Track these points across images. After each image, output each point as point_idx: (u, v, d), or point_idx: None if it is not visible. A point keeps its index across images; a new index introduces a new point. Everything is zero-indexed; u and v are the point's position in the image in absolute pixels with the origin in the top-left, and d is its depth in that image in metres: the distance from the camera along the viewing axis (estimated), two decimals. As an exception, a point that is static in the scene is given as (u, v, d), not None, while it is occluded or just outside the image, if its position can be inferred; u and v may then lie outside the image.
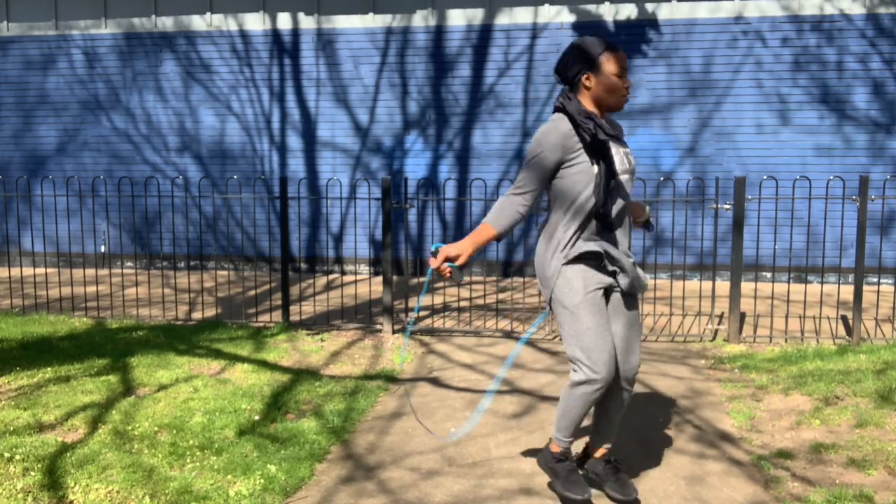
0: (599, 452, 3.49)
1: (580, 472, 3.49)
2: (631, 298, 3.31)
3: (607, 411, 3.39)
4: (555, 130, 3.11)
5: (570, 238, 3.18)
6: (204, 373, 5.28)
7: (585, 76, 3.13)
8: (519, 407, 4.77)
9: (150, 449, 3.95)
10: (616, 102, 3.15)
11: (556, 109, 3.20)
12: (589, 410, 3.28)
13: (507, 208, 3.18)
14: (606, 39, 3.17)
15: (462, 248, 3.13)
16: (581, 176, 3.12)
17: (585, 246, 3.17)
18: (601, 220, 3.14)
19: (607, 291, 3.28)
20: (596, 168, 3.11)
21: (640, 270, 3.30)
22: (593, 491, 3.47)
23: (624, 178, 3.20)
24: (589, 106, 3.17)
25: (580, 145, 3.11)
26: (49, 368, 5.26)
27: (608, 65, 3.10)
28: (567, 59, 3.17)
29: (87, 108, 10.37)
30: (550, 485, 3.45)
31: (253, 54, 10.00)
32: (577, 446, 3.86)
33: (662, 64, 9.25)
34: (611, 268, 3.21)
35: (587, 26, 9.34)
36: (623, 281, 3.23)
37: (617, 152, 3.18)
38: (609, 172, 3.10)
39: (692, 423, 4.47)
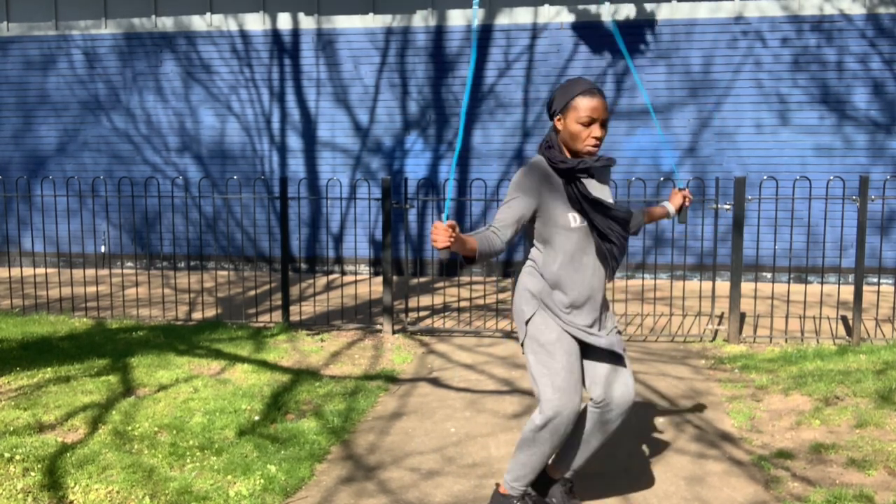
0: (558, 474, 3.31)
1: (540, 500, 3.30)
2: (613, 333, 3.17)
3: (574, 439, 3.17)
4: (533, 169, 3.03)
5: (542, 283, 3.08)
6: (204, 373, 5.28)
7: (558, 119, 3.06)
8: (519, 407, 4.77)
9: (150, 449, 3.95)
10: (579, 150, 3.02)
11: (539, 152, 3.14)
12: (546, 458, 3.09)
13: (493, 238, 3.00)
14: (593, 84, 3.04)
15: (458, 243, 2.89)
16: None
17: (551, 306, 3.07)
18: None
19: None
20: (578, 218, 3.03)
21: (614, 334, 3.15)
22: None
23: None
24: (565, 151, 3.09)
25: (519, 196, 3.00)
26: (49, 368, 5.26)
27: (575, 110, 2.98)
28: (551, 97, 3.10)
29: (87, 109, 10.37)
30: None
31: (253, 54, 10.00)
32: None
33: (662, 64, 9.26)
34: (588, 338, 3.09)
35: (587, 26, 9.35)
36: (585, 336, 3.09)
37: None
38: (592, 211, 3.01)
39: (692, 423, 4.47)
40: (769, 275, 9.13)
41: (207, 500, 3.44)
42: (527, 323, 3.12)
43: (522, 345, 3.15)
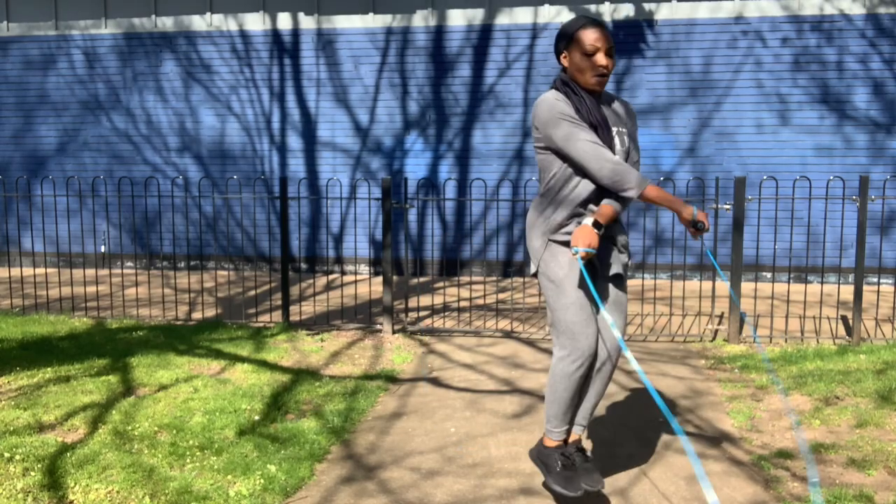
0: (573, 437, 3.40)
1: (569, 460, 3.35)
2: (617, 274, 3.29)
3: (586, 391, 3.30)
4: (558, 102, 3.12)
5: (565, 211, 3.18)
6: (204, 373, 5.28)
7: (563, 54, 3.16)
8: (519, 407, 4.77)
9: (150, 449, 3.95)
10: (587, 81, 3.12)
11: (551, 87, 3.24)
12: (576, 392, 3.19)
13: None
14: (594, 18, 3.16)
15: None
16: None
17: (573, 226, 3.18)
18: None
19: (594, 266, 3.27)
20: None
21: (623, 254, 3.28)
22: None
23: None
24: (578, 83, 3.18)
25: (576, 116, 3.11)
26: (49, 368, 5.26)
27: (578, 42, 3.08)
28: (556, 39, 3.21)
29: (87, 109, 10.37)
30: (544, 483, 3.33)
31: (253, 54, 10.00)
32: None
33: (662, 64, 9.26)
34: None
35: (587, 26, 9.34)
36: (604, 265, 3.25)
37: (618, 133, 3.19)
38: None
39: (692, 423, 4.47)
40: (769, 275, 9.13)
41: (207, 499, 3.44)
42: (539, 260, 3.22)
43: (535, 275, 3.28)
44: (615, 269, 3.26)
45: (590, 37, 3.06)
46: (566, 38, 3.13)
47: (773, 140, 9.16)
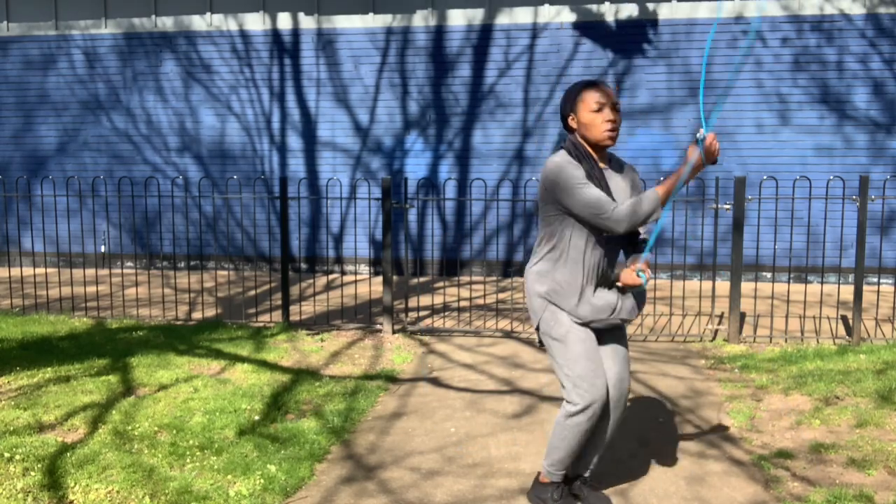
0: (580, 471, 3.46)
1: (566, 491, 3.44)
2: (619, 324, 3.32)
3: (594, 437, 3.34)
4: (568, 164, 3.15)
5: (555, 272, 3.22)
6: (204, 373, 5.28)
7: (570, 117, 3.22)
8: (519, 407, 4.77)
9: (150, 449, 3.95)
10: (598, 137, 3.15)
11: (558, 148, 3.28)
12: (584, 441, 3.25)
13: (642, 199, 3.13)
14: (595, 80, 3.25)
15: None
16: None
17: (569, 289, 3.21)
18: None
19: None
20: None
21: (628, 299, 3.27)
22: None
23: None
24: (585, 145, 3.21)
25: (586, 179, 3.13)
26: (49, 368, 5.26)
27: (584, 102, 3.16)
28: (560, 105, 3.27)
29: (87, 108, 10.37)
30: None
31: (253, 54, 10.00)
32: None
33: (662, 64, 9.26)
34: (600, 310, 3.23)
35: (587, 26, 9.35)
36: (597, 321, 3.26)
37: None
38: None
39: (692, 423, 4.47)
40: (769, 275, 9.13)
41: (207, 499, 3.44)
42: (539, 319, 3.29)
43: (538, 332, 3.32)
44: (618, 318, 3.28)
45: (594, 95, 3.15)
46: (571, 101, 3.20)
47: (773, 140, 9.16)
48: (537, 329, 3.31)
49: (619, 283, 3.20)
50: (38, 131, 10.50)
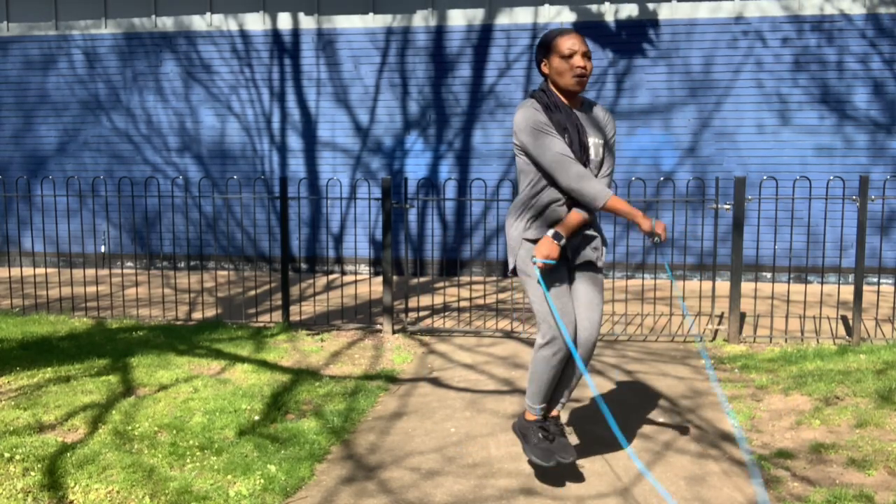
0: (553, 413, 3.68)
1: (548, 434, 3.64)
2: (592, 266, 3.56)
3: (562, 376, 3.58)
4: (533, 114, 3.36)
5: (533, 216, 3.45)
6: (204, 373, 5.28)
7: (543, 63, 3.42)
8: (519, 407, 4.77)
9: (150, 449, 3.95)
10: (568, 82, 3.34)
11: (528, 97, 3.49)
12: (555, 375, 3.47)
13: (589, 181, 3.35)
14: (563, 28, 3.45)
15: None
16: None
17: (541, 232, 3.44)
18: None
19: (566, 269, 3.54)
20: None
21: (597, 250, 3.53)
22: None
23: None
24: (555, 90, 3.42)
25: (550, 125, 3.35)
26: (49, 368, 5.26)
27: (556, 48, 3.34)
28: (535, 52, 3.49)
29: (87, 108, 10.37)
30: (524, 452, 3.62)
31: (253, 54, 10.00)
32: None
33: (663, 64, 9.26)
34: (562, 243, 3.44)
35: (587, 26, 9.35)
36: (572, 256, 3.51)
37: (589, 141, 3.41)
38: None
39: (692, 423, 4.47)
40: (769, 275, 9.13)
41: (207, 499, 3.44)
42: (516, 256, 3.50)
43: (514, 271, 3.56)
44: (586, 261, 3.53)
45: (566, 42, 3.32)
46: (545, 47, 3.39)
47: (773, 140, 9.16)
48: (513, 270, 3.54)
49: (655, 231, 3.38)
50: (38, 131, 10.50)
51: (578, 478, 3.70)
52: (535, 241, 3.45)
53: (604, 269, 3.66)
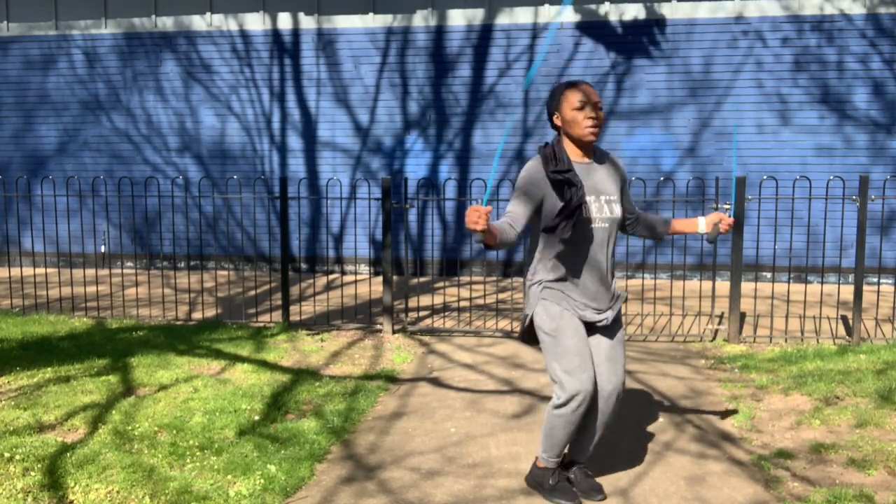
0: (578, 457, 3.60)
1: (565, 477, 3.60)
2: (614, 321, 3.48)
3: (588, 427, 3.49)
4: (529, 169, 3.35)
5: (547, 272, 3.39)
6: (204, 373, 5.28)
7: (556, 116, 3.39)
8: (519, 407, 4.77)
9: (150, 449, 3.95)
10: (581, 133, 3.31)
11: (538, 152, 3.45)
12: (574, 431, 3.38)
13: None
14: (572, 80, 3.45)
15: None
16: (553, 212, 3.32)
17: (555, 292, 3.38)
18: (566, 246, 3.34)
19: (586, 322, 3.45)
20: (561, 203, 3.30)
21: (612, 309, 3.44)
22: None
23: (598, 225, 3.35)
24: (568, 145, 3.39)
25: (534, 185, 3.31)
26: (49, 368, 5.26)
27: (567, 100, 3.32)
28: (546, 105, 3.44)
29: (87, 108, 10.37)
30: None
31: (253, 54, 10.00)
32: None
33: (663, 64, 9.26)
34: (579, 312, 3.39)
35: (587, 26, 9.35)
36: (591, 317, 3.41)
37: (596, 199, 3.36)
38: (573, 211, 3.26)
39: (692, 423, 4.47)
40: (769, 275, 9.13)
41: (207, 499, 3.44)
42: (532, 313, 3.43)
43: (528, 331, 3.49)
44: (606, 319, 3.43)
45: (576, 94, 3.30)
46: (555, 100, 3.36)
47: (773, 140, 9.16)
48: (529, 323, 3.45)
49: (721, 225, 3.40)
50: (38, 131, 10.50)
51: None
52: (550, 296, 3.38)
53: (623, 322, 3.60)
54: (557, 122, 3.37)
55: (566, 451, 3.59)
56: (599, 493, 3.51)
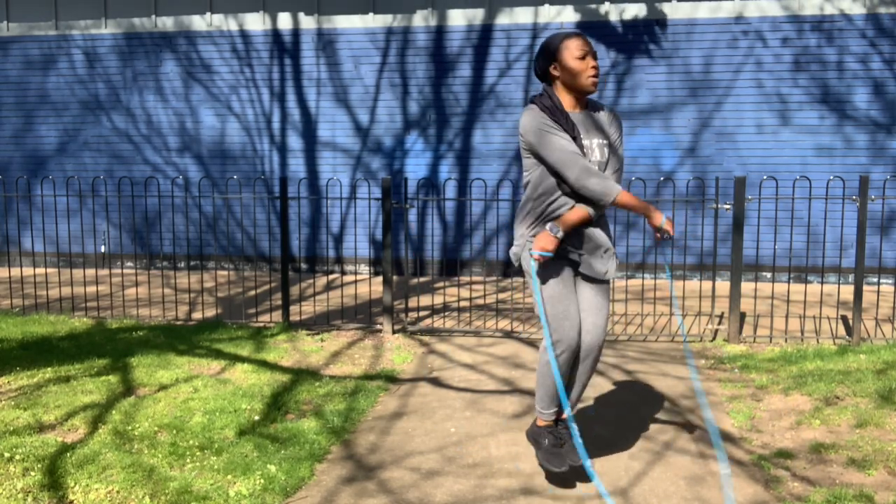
0: (562, 416, 3.68)
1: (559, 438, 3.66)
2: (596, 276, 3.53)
3: (570, 379, 3.59)
4: (535, 118, 3.36)
5: (539, 215, 3.44)
6: (204, 373, 5.28)
7: (553, 66, 3.40)
8: (519, 407, 4.77)
9: (150, 449, 3.95)
10: (584, 83, 3.35)
11: (530, 102, 3.47)
12: (561, 377, 3.45)
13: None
14: (567, 31, 3.45)
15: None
16: None
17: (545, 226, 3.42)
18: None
19: (572, 265, 3.52)
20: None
21: (608, 260, 3.49)
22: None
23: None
24: (563, 94, 3.42)
25: (557, 128, 3.35)
26: (49, 368, 5.26)
27: (567, 51, 3.34)
28: (537, 58, 3.45)
29: (87, 108, 10.37)
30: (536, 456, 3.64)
31: (253, 54, 10.00)
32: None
33: (663, 64, 9.26)
34: (569, 254, 3.44)
35: (587, 26, 9.35)
36: (582, 265, 3.47)
37: (590, 143, 3.40)
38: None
39: (692, 422, 4.47)
40: (769, 275, 9.13)
41: (207, 499, 3.44)
42: (521, 257, 3.51)
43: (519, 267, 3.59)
44: (594, 271, 3.48)
45: (578, 44, 3.34)
46: (552, 51, 3.38)
47: (773, 140, 9.16)
48: (518, 265, 3.55)
49: (663, 227, 3.41)
50: (38, 131, 10.50)
51: (581, 477, 3.70)
52: (538, 223, 3.46)
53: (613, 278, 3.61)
54: (555, 72, 3.37)
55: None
56: (579, 457, 3.54)
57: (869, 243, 8.74)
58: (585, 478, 3.68)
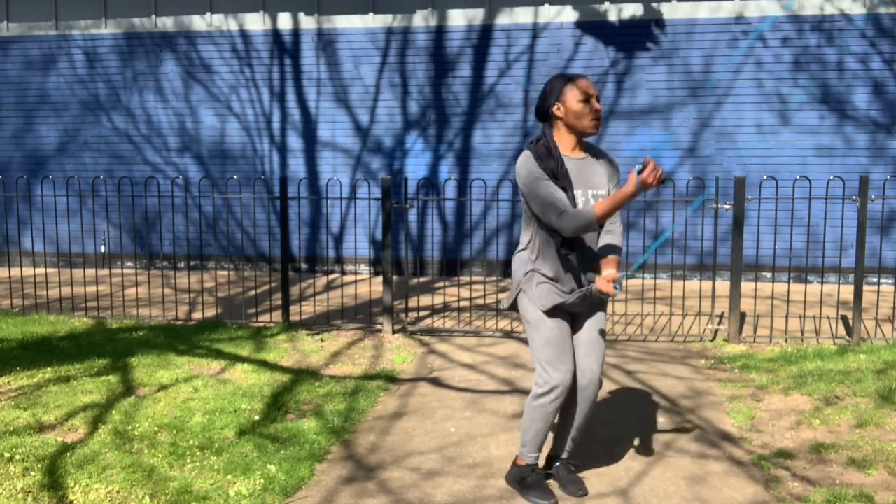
0: (561, 452, 3.66)
1: (546, 476, 3.65)
2: (595, 308, 3.51)
3: (568, 420, 3.56)
4: (528, 165, 3.34)
5: (534, 258, 3.45)
6: (204, 373, 5.28)
7: (556, 107, 3.38)
8: (519, 407, 4.77)
9: (150, 449, 3.95)
10: (585, 125, 3.35)
11: (527, 146, 3.46)
12: (551, 423, 3.43)
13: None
14: (571, 73, 3.45)
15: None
16: None
17: (541, 277, 3.42)
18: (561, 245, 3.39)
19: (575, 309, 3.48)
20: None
21: (591, 286, 3.44)
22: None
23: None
24: (562, 135, 3.40)
25: (546, 176, 3.33)
26: (49, 368, 5.26)
27: (571, 93, 3.34)
28: (541, 97, 3.43)
29: (87, 108, 10.37)
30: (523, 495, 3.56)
31: (253, 54, 10.00)
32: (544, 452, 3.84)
33: (663, 64, 9.25)
34: (563, 297, 3.41)
35: (587, 26, 9.35)
36: (570, 302, 3.41)
37: (583, 194, 3.37)
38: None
39: (692, 422, 4.47)
40: (769, 275, 9.13)
41: (207, 499, 3.44)
42: (515, 300, 3.51)
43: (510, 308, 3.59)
44: (594, 310, 3.49)
45: (583, 85, 3.34)
46: (558, 92, 3.37)
47: (773, 140, 9.16)
48: (513, 307, 3.54)
49: (595, 288, 3.38)
50: (38, 131, 10.50)
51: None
52: (544, 276, 3.41)
53: (605, 318, 3.59)
54: (559, 112, 3.37)
55: (551, 447, 3.68)
56: (580, 489, 3.55)
57: (869, 243, 8.74)
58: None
